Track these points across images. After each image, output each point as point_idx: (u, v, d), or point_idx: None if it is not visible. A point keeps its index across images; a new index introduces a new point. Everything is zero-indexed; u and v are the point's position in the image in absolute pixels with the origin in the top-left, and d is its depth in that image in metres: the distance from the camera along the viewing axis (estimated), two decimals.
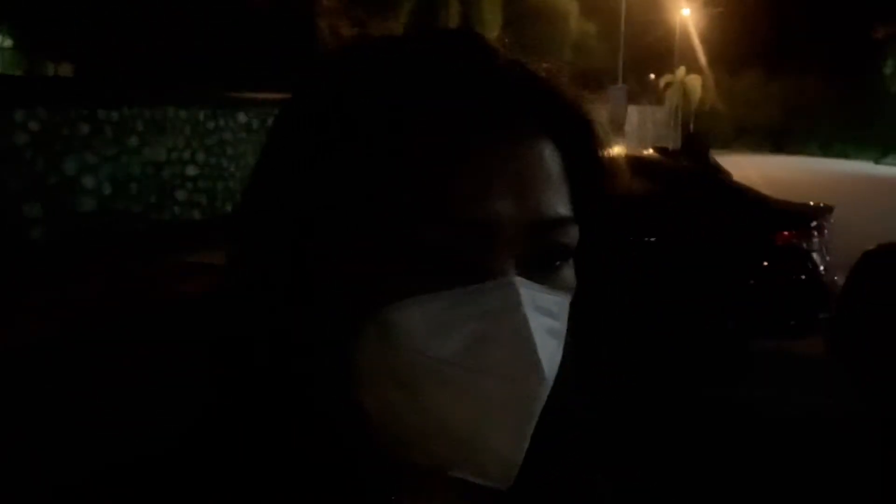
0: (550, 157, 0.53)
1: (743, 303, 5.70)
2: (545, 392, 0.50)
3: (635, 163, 6.32)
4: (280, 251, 0.53)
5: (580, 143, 0.56)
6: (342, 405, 0.53)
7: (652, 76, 42.76)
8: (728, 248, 5.76)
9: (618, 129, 23.92)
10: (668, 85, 41.18)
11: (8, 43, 26.11)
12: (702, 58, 40.18)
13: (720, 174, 6.81)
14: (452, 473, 0.52)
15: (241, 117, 11.75)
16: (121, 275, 7.40)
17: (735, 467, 4.22)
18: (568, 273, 0.55)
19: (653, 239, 5.90)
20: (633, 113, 32.04)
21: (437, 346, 0.49)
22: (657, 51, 39.35)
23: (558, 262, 0.54)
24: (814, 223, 5.80)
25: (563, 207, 0.53)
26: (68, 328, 5.87)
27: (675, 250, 5.83)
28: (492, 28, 23.43)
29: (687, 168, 6.55)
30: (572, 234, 0.54)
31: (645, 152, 7.36)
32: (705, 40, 40.43)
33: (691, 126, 36.20)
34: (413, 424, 0.51)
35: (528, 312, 0.50)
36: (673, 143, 23.97)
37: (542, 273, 0.53)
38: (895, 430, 4.32)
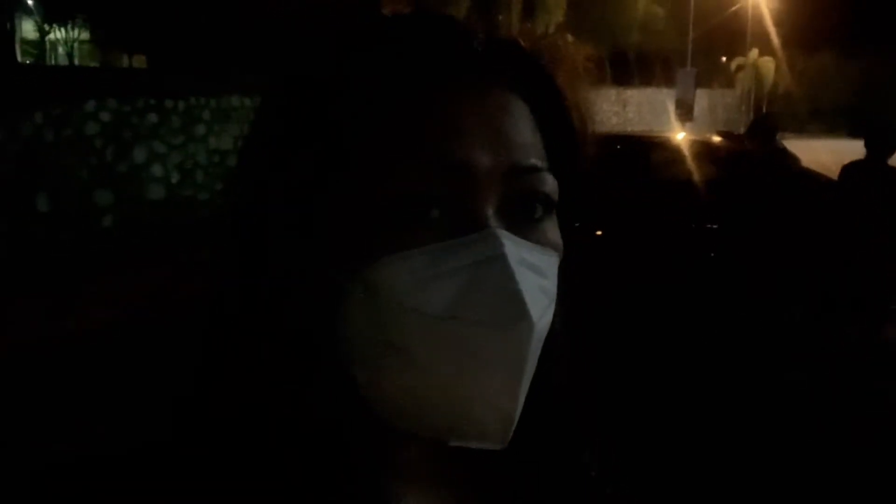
0: (519, 113, 0.55)
1: (812, 290, 5.56)
2: (536, 342, 0.50)
3: (698, 147, 6.21)
4: (264, 222, 0.53)
5: (548, 103, 0.58)
6: (335, 380, 0.53)
7: (723, 59, 41.79)
8: (791, 234, 5.62)
9: (686, 113, 23.44)
10: (739, 67, 40.20)
11: (85, 35, 26.91)
12: (775, 39, 39.00)
13: (786, 159, 6.64)
14: (451, 441, 0.51)
15: None
16: (189, 261, 7.58)
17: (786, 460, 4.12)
18: (551, 229, 0.56)
19: (715, 226, 5.79)
20: (703, 97, 31.43)
21: (424, 302, 0.49)
22: (728, 32, 38.39)
23: (539, 213, 0.54)
24: None
25: (535, 158, 0.54)
26: (136, 315, 6.03)
27: (738, 237, 5.71)
28: (556, 10, 23.21)
29: (751, 153, 6.40)
30: (549, 183, 0.55)
31: (712, 137, 7.23)
32: (779, 21, 39.20)
33: (763, 109, 35.29)
34: (408, 389, 0.50)
35: (512, 263, 0.50)
36: (745, 127, 23.33)
37: (524, 225, 0.53)
38: None
